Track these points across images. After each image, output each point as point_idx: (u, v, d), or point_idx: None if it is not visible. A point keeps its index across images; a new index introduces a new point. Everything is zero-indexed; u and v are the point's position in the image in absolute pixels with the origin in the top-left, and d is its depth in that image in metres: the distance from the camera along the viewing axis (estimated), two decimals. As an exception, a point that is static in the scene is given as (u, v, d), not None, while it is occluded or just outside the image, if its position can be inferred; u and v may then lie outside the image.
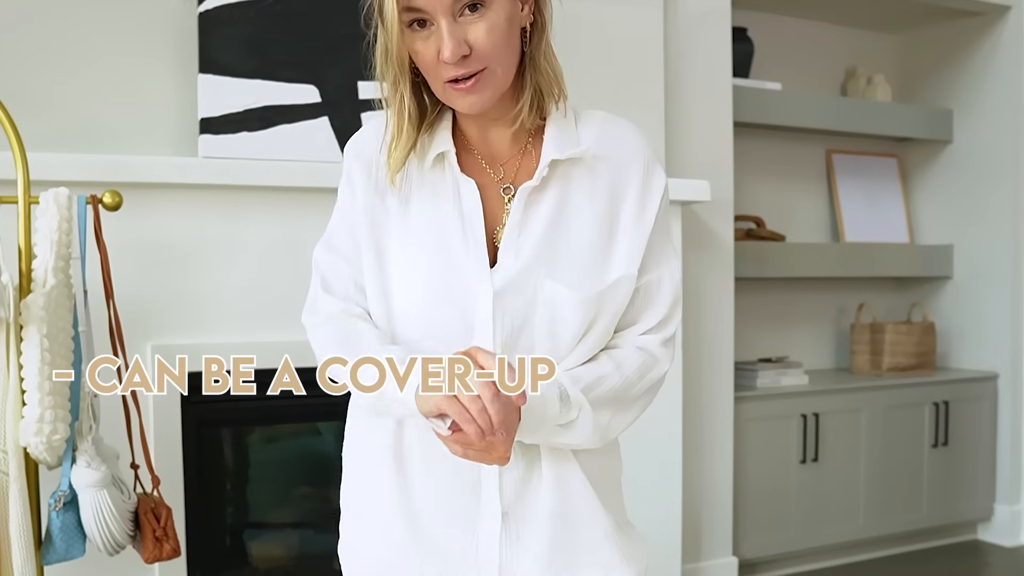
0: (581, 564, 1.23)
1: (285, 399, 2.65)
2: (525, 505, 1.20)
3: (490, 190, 1.21)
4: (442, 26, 1.11)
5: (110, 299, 2.05)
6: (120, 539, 1.95)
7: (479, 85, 1.14)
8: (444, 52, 1.11)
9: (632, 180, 1.23)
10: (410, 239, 1.20)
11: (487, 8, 1.13)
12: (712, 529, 3.39)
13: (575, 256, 1.19)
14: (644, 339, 1.24)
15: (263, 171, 2.52)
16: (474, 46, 1.12)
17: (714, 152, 3.40)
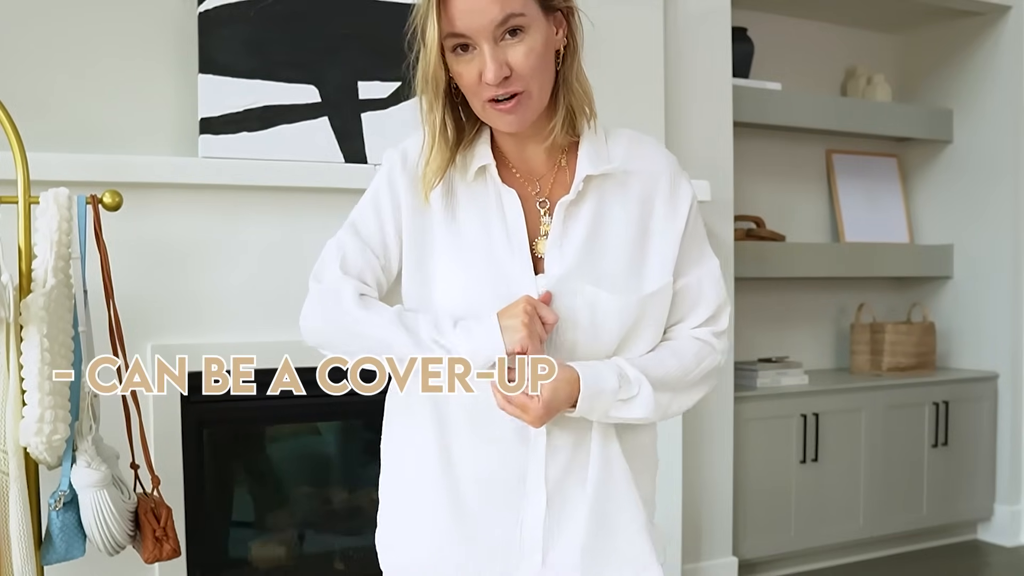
0: (618, 551, 1.31)
1: (285, 399, 2.66)
2: (568, 493, 1.28)
3: (528, 202, 1.30)
4: (484, 50, 1.20)
5: (110, 299, 2.05)
6: (120, 539, 1.95)
7: (518, 106, 1.23)
8: (487, 74, 1.20)
9: (660, 193, 1.32)
10: (457, 247, 1.29)
11: (525, 33, 1.21)
12: (712, 529, 3.39)
13: (612, 264, 1.28)
14: (698, 331, 1.34)
15: (263, 171, 2.52)
16: (514, 68, 1.21)
17: (714, 152, 3.40)
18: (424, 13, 1.22)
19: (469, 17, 1.19)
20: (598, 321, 1.26)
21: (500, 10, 1.19)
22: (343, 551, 2.89)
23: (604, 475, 1.30)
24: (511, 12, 1.19)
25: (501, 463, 1.28)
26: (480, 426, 1.27)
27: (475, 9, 1.18)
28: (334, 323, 1.30)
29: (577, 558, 1.29)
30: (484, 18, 1.19)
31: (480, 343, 1.20)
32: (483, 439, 1.27)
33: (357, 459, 3.06)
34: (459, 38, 1.21)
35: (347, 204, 2.66)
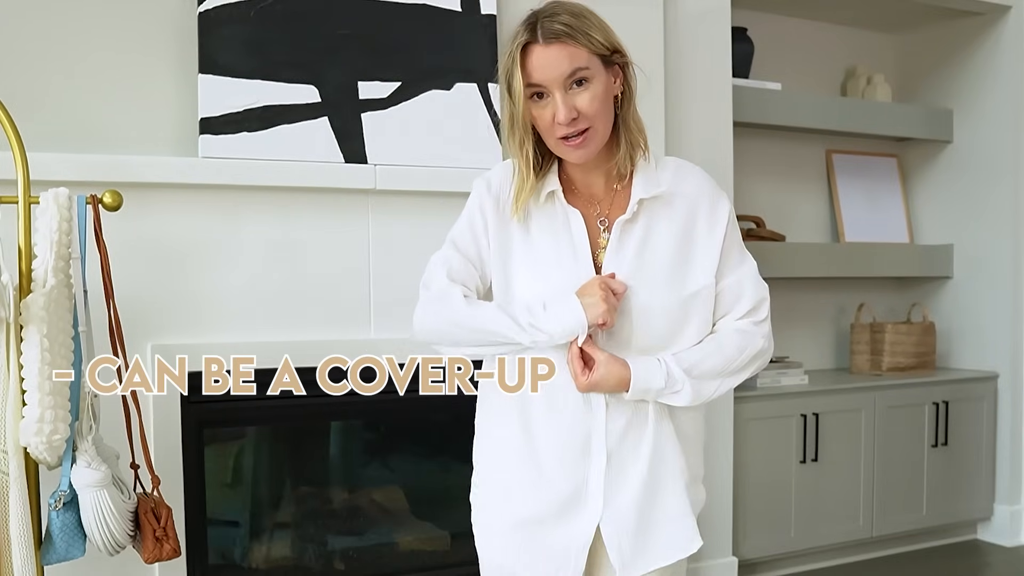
0: (664, 506, 1.61)
1: (285, 399, 2.66)
2: (624, 455, 1.57)
3: (589, 220, 1.59)
4: (556, 97, 1.48)
5: (110, 299, 2.05)
6: (120, 539, 1.95)
7: (585, 141, 1.51)
8: (559, 116, 1.48)
9: (701, 211, 1.61)
10: (533, 258, 1.58)
11: (590, 82, 1.50)
12: (712, 529, 3.39)
13: (660, 271, 1.56)
14: (740, 322, 1.62)
15: (263, 171, 2.52)
16: (581, 111, 1.49)
17: (714, 152, 3.40)
18: (508, 69, 1.50)
19: (544, 71, 1.48)
20: (648, 317, 1.55)
21: (569, 65, 1.48)
22: (343, 551, 2.89)
23: (656, 443, 1.60)
24: (578, 67, 1.48)
25: (569, 429, 1.57)
26: (553, 398, 1.57)
27: (549, 64, 1.48)
28: (448, 320, 1.59)
29: (632, 509, 1.58)
30: (556, 71, 1.48)
31: (568, 320, 1.50)
32: (555, 409, 1.56)
33: (357, 459, 3.06)
34: (536, 87, 1.50)
35: (347, 204, 2.68)
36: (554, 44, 1.48)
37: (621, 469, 1.58)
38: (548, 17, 1.50)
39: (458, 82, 2.80)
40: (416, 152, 2.73)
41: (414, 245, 2.72)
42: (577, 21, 1.50)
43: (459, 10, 2.82)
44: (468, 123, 2.78)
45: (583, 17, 1.52)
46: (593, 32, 1.52)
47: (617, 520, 1.58)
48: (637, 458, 1.58)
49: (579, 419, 1.56)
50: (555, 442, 1.58)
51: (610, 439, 1.57)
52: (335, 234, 2.66)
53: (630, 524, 1.58)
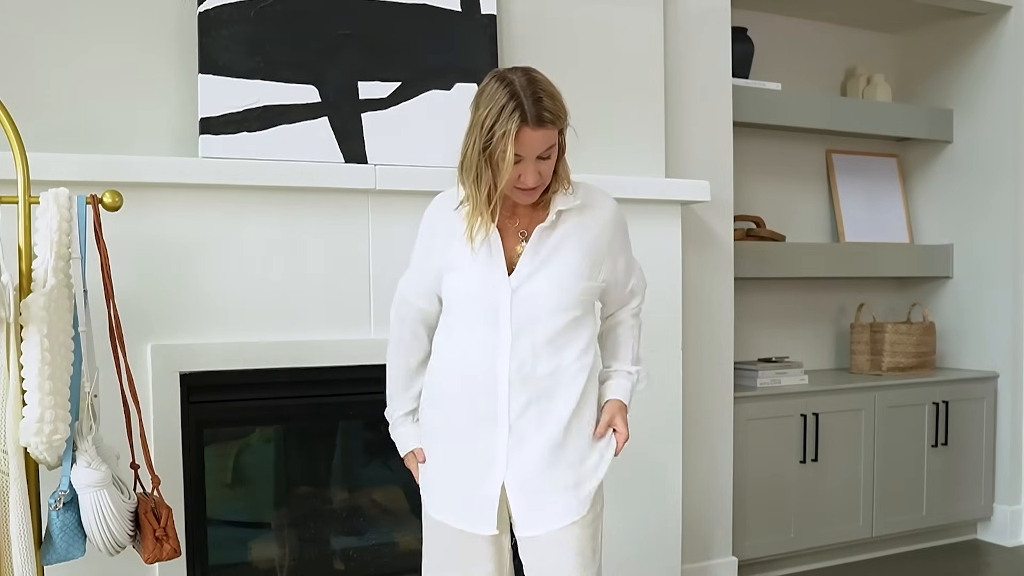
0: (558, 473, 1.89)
1: (285, 399, 2.66)
2: (524, 425, 1.89)
3: (509, 233, 1.94)
4: (528, 166, 1.83)
5: (110, 299, 2.05)
6: (120, 539, 1.95)
7: (537, 192, 1.89)
8: (528, 180, 1.84)
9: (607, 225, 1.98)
10: (464, 261, 1.92)
11: (552, 153, 1.85)
12: (712, 529, 3.39)
13: (568, 266, 1.92)
14: (632, 309, 2.09)
15: (263, 171, 2.52)
16: (543, 174, 1.86)
17: (714, 152, 3.40)
18: (504, 140, 1.79)
19: (529, 149, 1.81)
20: (549, 304, 1.90)
21: (545, 143, 1.82)
22: (343, 551, 2.89)
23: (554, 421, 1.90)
24: (550, 145, 1.84)
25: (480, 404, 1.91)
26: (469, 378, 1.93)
27: (534, 145, 1.81)
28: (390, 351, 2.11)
29: (529, 475, 1.89)
30: (537, 149, 1.82)
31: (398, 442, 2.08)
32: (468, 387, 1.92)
33: (357, 459, 3.06)
34: (517, 157, 1.82)
35: (347, 204, 2.68)
36: (541, 128, 1.80)
37: (521, 439, 1.88)
38: (535, 101, 1.79)
39: (458, 82, 2.80)
40: (416, 152, 2.73)
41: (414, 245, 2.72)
42: (555, 105, 1.81)
43: (459, 10, 2.83)
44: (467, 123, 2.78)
45: (558, 100, 1.83)
46: (564, 116, 1.84)
47: (516, 483, 1.88)
48: (537, 431, 1.89)
49: (488, 397, 1.89)
50: (470, 415, 1.91)
51: (512, 414, 1.88)
52: (335, 234, 2.66)
53: (527, 487, 1.89)
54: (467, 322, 1.92)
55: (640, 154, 3.15)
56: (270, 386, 2.60)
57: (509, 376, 1.87)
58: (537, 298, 1.88)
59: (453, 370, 1.95)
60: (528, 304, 1.88)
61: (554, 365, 1.90)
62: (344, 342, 2.64)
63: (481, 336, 1.89)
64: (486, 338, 1.89)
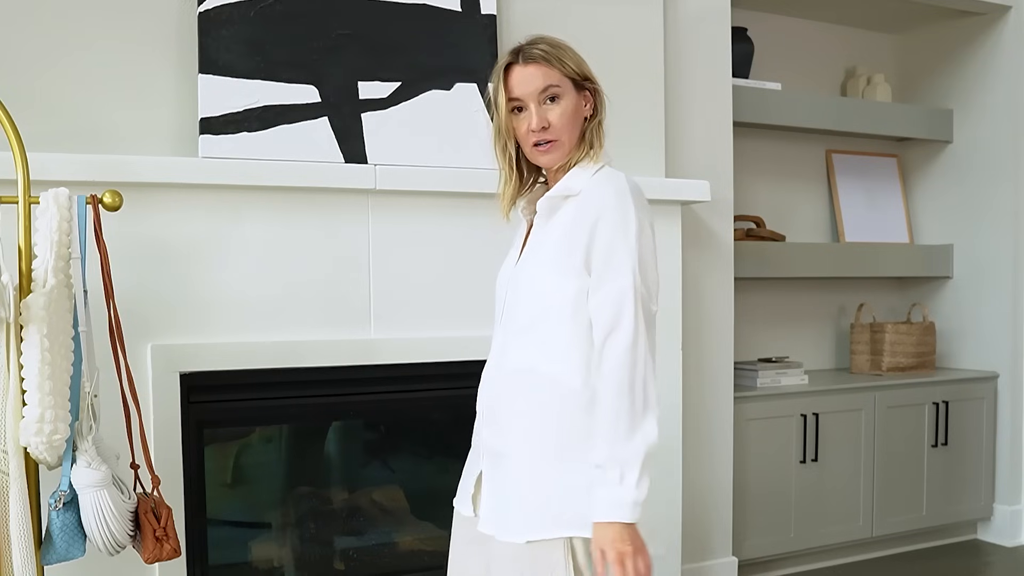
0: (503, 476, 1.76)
1: (285, 399, 2.66)
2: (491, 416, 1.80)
3: None
4: (531, 109, 1.75)
5: (110, 299, 2.05)
6: (120, 539, 1.95)
7: (551, 148, 1.77)
8: (532, 123, 1.74)
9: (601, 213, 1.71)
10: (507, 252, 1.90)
11: (560, 99, 1.76)
12: (712, 529, 3.39)
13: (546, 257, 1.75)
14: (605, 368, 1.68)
15: (263, 171, 2.52)
16: (551, 122, 1.75)
17: (714, 152, 3.40)
18: (495, 87, 1.77)
19: (522, 86, 1.75)
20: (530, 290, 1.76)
21: (543, 81, 1.74)
22: (343, 551, 2.89)
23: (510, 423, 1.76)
24: (550, 83, 1.74)
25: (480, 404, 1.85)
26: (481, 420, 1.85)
27: (526, 80, 1.74)
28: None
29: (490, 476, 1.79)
30: (531, 86, 1.74)
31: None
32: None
33: (357, 459, 3.06)
34: (516, 101, 1.76)
35: (347, 204, 2.68)
36: (531, 64, 1.75)
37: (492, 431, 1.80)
38: (530, 44, 1.77)
39: (458, 82, 2.80)
40: (416, 152, 2.73)
41: (414, 245, 2.72)
42: (553, 49, 1.76)
43: (459, 10, 2.83)
44: (468, 123, 2.78)
45: (559, 47, 1.78)
46: (566, 59, 1.77)
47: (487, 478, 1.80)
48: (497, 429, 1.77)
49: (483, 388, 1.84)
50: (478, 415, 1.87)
51: (484, 401, 1.83)
52: (335, 234, 2.66)
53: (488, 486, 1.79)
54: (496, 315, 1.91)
55: (640, 154, 3.15)
56: (270, 386, 2.60)
57: (490, 363, 1.84)
58: (520, 287, 1.79)
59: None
60: (513, 292, 1.80)
61: (522, 363, 1.72)
62: (344, 342, 2.64)
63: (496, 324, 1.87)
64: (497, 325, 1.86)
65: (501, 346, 1.79)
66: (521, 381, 1.73)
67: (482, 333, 1.91)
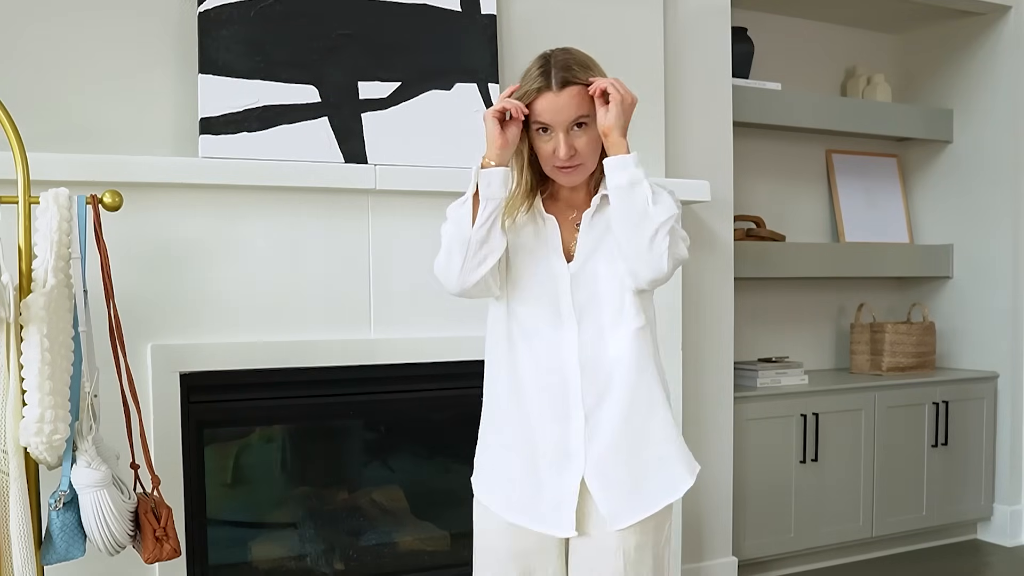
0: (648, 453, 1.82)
1: (285, 399, 2.66)
2: (601, 412, 1.80)
3: (567, 224, 1.87)
4: (560, 137, 1.76)
5: (110, 299, 2.05)
6: (120, 539, 1.95)
7: (576, 172, 1.80)
8: (560, 153, 1.75)
9: None
10: (521, 250, 1.86)
11: (588, 127, 1.77)
12: (712, 529, 3.39)
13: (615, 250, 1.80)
14: None
15: (263, 171, 2.52)
16: (579, 150, 1.77)
17: (714, 152, 3.40)
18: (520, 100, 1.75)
19: (552, 115, 1.75)
20: (612, 289, 1.82)
21: (575, 112, 1.75)
22: (343, 551, 2.89)
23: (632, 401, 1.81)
24: (581, 114, 1.76)
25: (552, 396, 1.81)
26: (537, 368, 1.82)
27: (558, 110, 1.74)
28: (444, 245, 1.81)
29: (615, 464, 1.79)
30: (562, 116, 1.75)
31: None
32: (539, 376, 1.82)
33: (357, 459, 3.06)
34: (543, 124, 1.76)
35: (347, 204, 2.68)
36: (564, 92, 1.74)
37: (597, 427, 1.79)
38: (561, 68, 1.74)
39: (458, 82, 2.80)
40: (416, 152, 2.73)
41: (414, 245, 2.72)
42: (584, 71, 1.76)
43: (459, 10, 2.83)
44: (468, 123, 2.78)
45: (589, 68, 1.78)
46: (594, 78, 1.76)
47: (601, 474, 1.79)
48: (613, 416, 1.79)
49: (559, 387, 1.80)
50: (540, 408, 1.81)
51: (587, 403, 1.79)
52: (335, 234, 2.66)
53: (615, 477, 1.79)
54: (526, 314, 1.84)
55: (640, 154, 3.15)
56: (270, 386, 2.60)
57: (580, 362, 1.79)
58: (598, 280, 1.81)
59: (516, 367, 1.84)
60: (589, 287, 1.81)
61: (621, 350, 1.80)
62: (344, 342, 2.64)
63: (543, 327, 1.82)
64: (549, 328, 1.81)
65: (588, 336, 1.79)
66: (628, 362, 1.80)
67: (482, 333, 1.90)
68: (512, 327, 1.84)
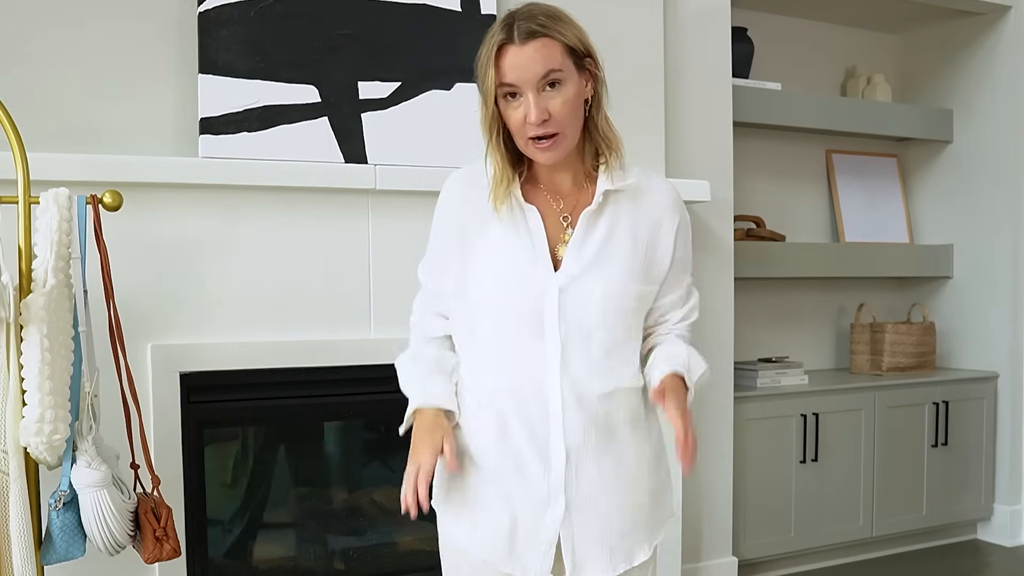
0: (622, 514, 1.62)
1: (285, 399, 2.66)
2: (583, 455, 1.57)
3: (552, 217, 1.60)
4: (529, 98, 1.50)
5: (110, 299, 2.05)
6: (120, 539, 1.95)
7: (553, 144, 1.53)
8: (531, 116, 1.49)
9: (665, 215, 1.63)
10: (490, 252, 1.58)
11: (562, 85, 1.52)
12: (712, 529, 3.39)
13: (621, 264, 1.57)
14: (683, 324, 1.71)
15: (263, 171, 2.52)
16: (552, 113, 1.51)
17: (714, 152, 3.40)
18: (484, 66, 1.52)
19: (518, 71, 1.50)
20: (607, 311, 1.56)
21: (543, 66, 1.50)
22: (343, 551, 2.89)
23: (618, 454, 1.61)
24: (551, 68, 1.50)
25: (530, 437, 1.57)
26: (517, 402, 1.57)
27: (523, 65, 1.49)
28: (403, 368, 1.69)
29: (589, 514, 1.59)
30: (530, 72, 1.49)
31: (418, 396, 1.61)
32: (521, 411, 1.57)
33: (357, 459, 3.06)
34: (509, 87, 1.51)
35: (347, 204, 2.68)
36: (529, 44, 1.49)
37: (579, 472, 1.58)
38: (525, 19, 1.51)
39: (458, 82, 2.80)
40: (416, 152, 2.73)
41: (414, 245, 2.71)
42: (552, 21, 1.52)
43: (459, 10, 2.83)
44: (468, 123, 2.77)
45: (558, 18, 1.53)
46: (567, 30, 1.53)
47: (573, 523, 1.59)
48: (597, 464, 1.59)
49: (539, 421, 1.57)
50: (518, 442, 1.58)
51: (569, 442, 1.56)
52: (335, 234, 2.66)
53: (585, 529, 1.60)
54: (502, 331, 1.57)
55: (640, 154, 3.14)
56: (270, 386, 2.60)
57: (563, 396, 1.54)
58: (591, 302, 1.54)
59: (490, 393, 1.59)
60: (580, 309, 1.54)
61: (612, 385, 1.57)
62: (344, 342, 2.64)
63: (523, 349, 1.55)
64: (529, 351, 1.54)
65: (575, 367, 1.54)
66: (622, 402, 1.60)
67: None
68: (480, 336, 1.59)
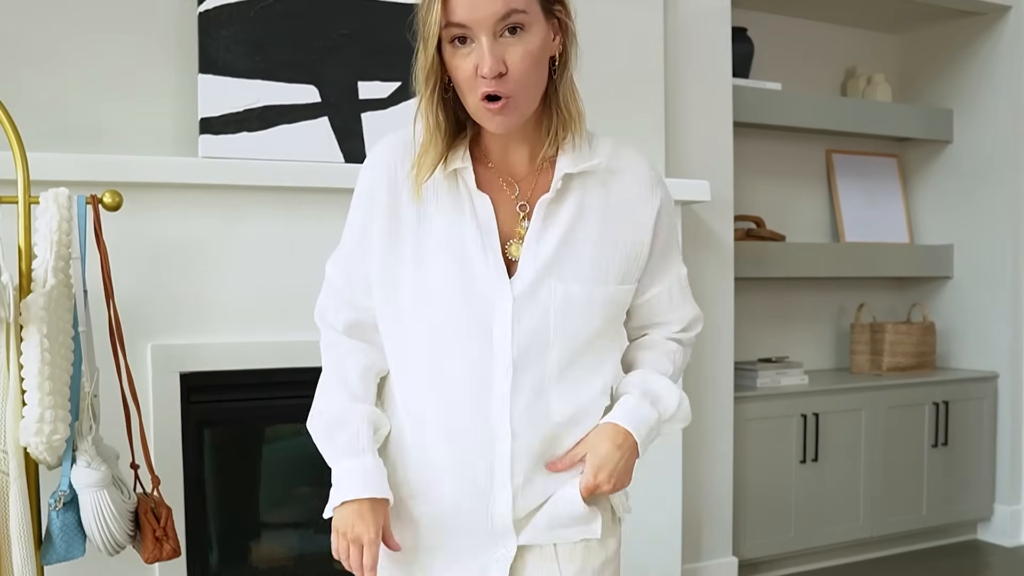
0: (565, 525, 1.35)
1: (285, 399, 2.66)
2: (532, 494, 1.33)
3: (505, 206, 1.31)
4: (483, 43, 1.19)
5: (110, 299, 2.05)
6: (120, 539, 1.95)
7: (507, 109, 1.22)
8: (483, 67, 1.19)
9: (639, 196, 1.35)
10: (428, 248, 1.29)
11: (525, 32, 1.21)
12: (712, 529, 3.39)
13: (587, 262, 1.30)
14: (680, 335, 1.45)
15: (263, 171, 2.52)
16: (510, 66, 1.20)
17: (714, 152, 3.40)
18: (427, 3, 1.22)
19: (470, 8, 1.18)
20: (568, 314, 1.29)
21: (504, 4, 1.19)
22: (343, 551, 2.89)
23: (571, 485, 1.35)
24: (514, 8, 1.20)
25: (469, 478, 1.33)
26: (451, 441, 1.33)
27: (477, 4, 1.19)
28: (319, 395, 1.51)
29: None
30: (487, 10, 1.19)
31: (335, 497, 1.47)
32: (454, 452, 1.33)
33: (357, 459, 3.06)
34: (459, 28, 1.20)
35: (347, 204, 2.67)
36: None
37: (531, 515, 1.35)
38: None
39: (458, 82, 2.80)
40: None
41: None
42: None
43: (459, 10, 2.82)
44: (468, 123, 2.78)
45: None
46: None
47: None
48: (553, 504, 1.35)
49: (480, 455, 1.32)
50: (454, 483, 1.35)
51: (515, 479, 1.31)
52: (335, 234, 2.64)
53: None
54: (442, 346, 1.29)
55: (640, 154, 3.15)
56: (270, 386, 2.60)
57: (512, 425, 1.27)
58: (549, 310, 1.27)
59: (423, 421, 1.33)
60: (535, 318, 1.27)
61: (572, 409, 1.31)
62: (344, 342, 2.64)
63: (465, 367, 1.27)
64: (473, 370, 1.27)
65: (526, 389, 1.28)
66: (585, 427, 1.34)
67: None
68: (415, 351, 1.32)
